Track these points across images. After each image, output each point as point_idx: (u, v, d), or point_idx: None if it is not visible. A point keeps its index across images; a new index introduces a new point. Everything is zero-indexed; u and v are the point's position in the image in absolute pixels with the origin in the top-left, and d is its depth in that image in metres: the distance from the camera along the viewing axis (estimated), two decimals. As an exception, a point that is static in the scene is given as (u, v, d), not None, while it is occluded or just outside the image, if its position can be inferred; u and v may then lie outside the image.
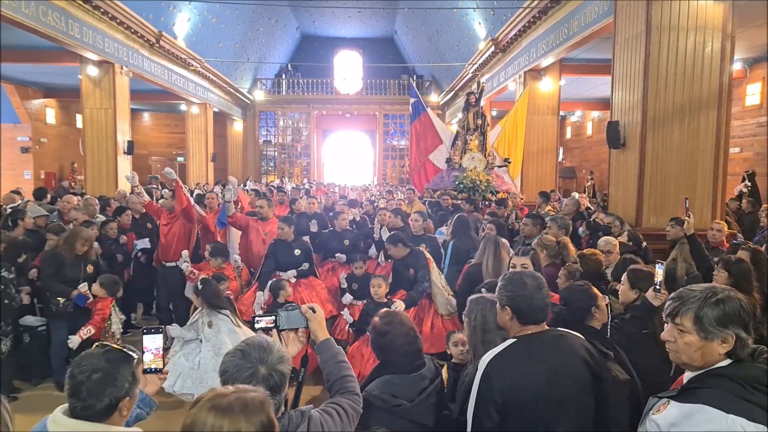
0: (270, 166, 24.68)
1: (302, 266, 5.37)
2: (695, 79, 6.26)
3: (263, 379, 1.55)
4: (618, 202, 6.97)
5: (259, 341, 1.65)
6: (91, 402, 1.52)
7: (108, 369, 1.56)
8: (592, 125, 18.34)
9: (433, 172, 10.48)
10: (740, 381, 1.56)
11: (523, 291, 2.08)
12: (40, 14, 8.52)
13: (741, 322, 1.60)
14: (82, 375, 1.54)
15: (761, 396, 1.52)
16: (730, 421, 1.48)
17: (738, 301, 1.63)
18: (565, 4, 9.07)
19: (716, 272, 3.52)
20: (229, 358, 1.61)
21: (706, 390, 1.58)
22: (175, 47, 13.81)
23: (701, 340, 1.62)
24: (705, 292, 1.66)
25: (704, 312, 1.62)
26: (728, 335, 1.60)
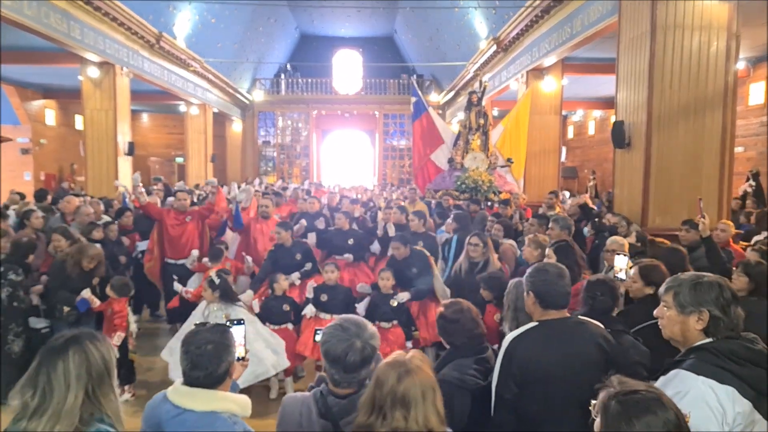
0: (269, 167, 24.63)
1: (305, 267, 5.43)
2: (700, 79, 6.25)
3: (359, 350, 1.76)
4: (623, 202, 6.96)
5: (355, 319, 1.89)
6: (213, 369, 1.75)
7: (218, 339, 1.79)
8: (594, 125, 18.33)
9: (435, 172, 10.46)
10: (716, 352, 1.77)
11: (544, 278, 2.31)
12: (42, 16, 8.47)
13: (716, 303, 1.82)
14: (199, 349, 1.75)
15: (735, 365, 1.72)
16: (700, 381, 1.70)
17: (718, 286, 1.85)
18: (568, 3, 9.04)
19: (735, 276, 3.49)
20: (330, 330, 1.84)
21: (685, 361, 1.82)
22: (175, 48, 13.76)
23: (679, 314, 1.87)
24: (691, 276, 1.91)
25: (682, 290, 1.87)
26: (703, 312, 1.82)
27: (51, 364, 1.53)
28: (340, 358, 1.75)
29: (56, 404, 1.48)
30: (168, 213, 6.01)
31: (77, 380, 1.51)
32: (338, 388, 1.81)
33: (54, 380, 1.50)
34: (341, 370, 1.77)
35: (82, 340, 1.59)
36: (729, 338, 1.82)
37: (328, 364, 1.80)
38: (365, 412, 1.52)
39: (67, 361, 1.52)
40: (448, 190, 9.40)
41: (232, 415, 1.74)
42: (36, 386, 1.51)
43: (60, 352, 1.55)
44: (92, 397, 1.53)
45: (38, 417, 1.48)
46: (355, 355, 1.75)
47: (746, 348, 1.78)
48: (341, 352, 1.75)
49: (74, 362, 1.53)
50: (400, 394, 1.46)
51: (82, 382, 1.52)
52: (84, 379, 1.52)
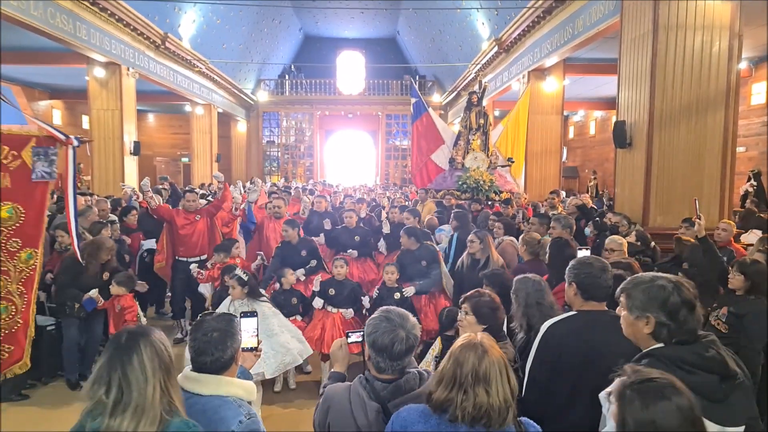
0: (273, 167, 24.73)
1: (310, 264, 5.59)
2: (702, 78, 6.28)
3: (404, 340, 1.89)
4: (624, 201, 6.99)
5: (398, 311, 1.99)
6: (219, 355, 1.82)
7: (224, 326, 1.86)
8: (595, 125, 18.35)
9: (435, 172, 10.50)
10: (664, 360, 1.75)
11: (588, 270, 2.37)
12: (49, 16, 8.57)
13: (662, 308, 1.79)
14: (206, 336, 1.83)
15: (682, 373, 1.68)
16: None
17: (667, 290, 1.80)
18: (570, 3, 9.09)
19: (732, 275, 3.53)
20: (375, 321, 1.95)
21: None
22: (181, 48, 13.87)
23: (630, 316, 1.87)
24: (645, 279, 1.89)
25: (633, 293, 1.87)
26: (649, 318, 1.81)
27: (125, 359, 1.53)
28: (387, 348, 1.88)
29: (137, 398, 1.50)
30: (178, 213, 6.13)
31: (153, 373, 1.54)
32: (382, 374, 1.94)
33: (130, 374, 1.52)
34: (387, 359, 1.90)
35: (149, 333, 1.62)
36: (682, 343, 1.78)
37: (374, 352, 1.92)
38: (445, 389, 1.63)
39: (140, 355, 1.54)
40: (449, 189, 9.45)
41: (237, 399, 1.81)
42: (110, 382, 1.52)
43: (131, 346, 1.56)
44: (164, 389, 1.56)
45: (120, 413, 1.49)
46: (401, 345, 1.88)
47: (697, 355, 1.75)
48: (388, 342, 1.88)
49: (147, 355, 1.55)
50: (481, 373, 1.60)
51: (158, 375, 1.55)
52: (159, 371, 1.55)
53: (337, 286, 4.84)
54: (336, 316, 4.77)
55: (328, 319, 4.76)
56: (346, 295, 4.81)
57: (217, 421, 1.73)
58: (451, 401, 1.61)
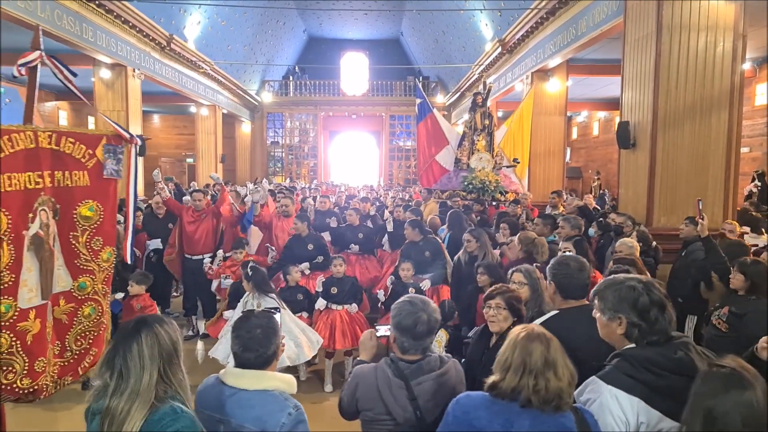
0: (278, 167, 24.81)
1: (317, 259, 5.79)
2: (706, 79, 6.27)
3: (426, 322, 2.08)
4: (628, 202, 6.99)
5: (421, 297, 2.20)
6: (263, 351, 1.91)
7: (266, 324, 1.96)
8: (598, 125, 18.34)
9: (440, 173, 10.52)
10: (633, 361, 1.79)
11: (566, 270, 2.47)
12: (56, 18, 8.65)
13: (632, 309, 1.82)
14: (249, 333, 1.91)
15: (650, 375, 1.74)
16: (608, 391, 1.76)
17: (637, 290, 1.83)
18: (574, 4, 9.10)
19: (733, 275, 3.55)
20: (399, 304, 2.15)
21: (607, 367, 1.86)
22: (186, 50, 13.94)
23: (603, 318, 1.91)
24: (617, 280, 1.93)
25: (606, 295, 1.90)
26: (621, 318, 1.84)
27: (126, 347, 1.63)
28: (410, 328, 2.07)
29: (134, 383, 1.59)
30: (186, 210, 6.29)
31: (151, 360, 1.62)
32: (406, 354, 2.12)
33: (130, 361, 1.61)
34: (411, 338, 2.08)
35: (152, 323, 1.70)
36: (653, 344, 1.80)
37: (399, 333, 2.11)
38: (515, 376, 1.73)
39: (140, 343, 1.63)
40: (455, 190, 9.48)
41: (282, 392, 1.89)
42: (113, 367, 1.63)
43: (133, 335, 1.65)
44: (164, 376, 1.64)
45: (118, 395, 1.59)
46: (423, 326, 2.07)
47: (664, 357, 1.77)
48: (411, 323, 2.06)
49: (147, 344, 1.63)
50: (550, 359, 1.72)
51: (156, 362, 1.63)
52: (157, 359, 1.63)
53: (338, 284, 4.99)
54: (342, 313, 4.91)
55: (335, 317, 4.88)
56: (348, 290, 4.99)
57: (266, 414, 1.80)
58: (522, 387, 1.71)
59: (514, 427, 1.70)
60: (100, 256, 2.62)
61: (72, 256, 2.53)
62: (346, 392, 2.18)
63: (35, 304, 2.32)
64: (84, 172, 2.56)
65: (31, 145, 2.36)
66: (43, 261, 2.37)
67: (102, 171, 2.63)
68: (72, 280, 2.53)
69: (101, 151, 2.65)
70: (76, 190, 2.54)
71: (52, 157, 2.44)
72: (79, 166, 2.55)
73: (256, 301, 4.28)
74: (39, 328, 2.33)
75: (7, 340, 2.22)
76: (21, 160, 2.30)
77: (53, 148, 2.45)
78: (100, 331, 2.68)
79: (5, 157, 2.24)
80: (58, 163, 2.47)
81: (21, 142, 2.32)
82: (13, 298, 2.23)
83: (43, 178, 2.39)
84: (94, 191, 2.60)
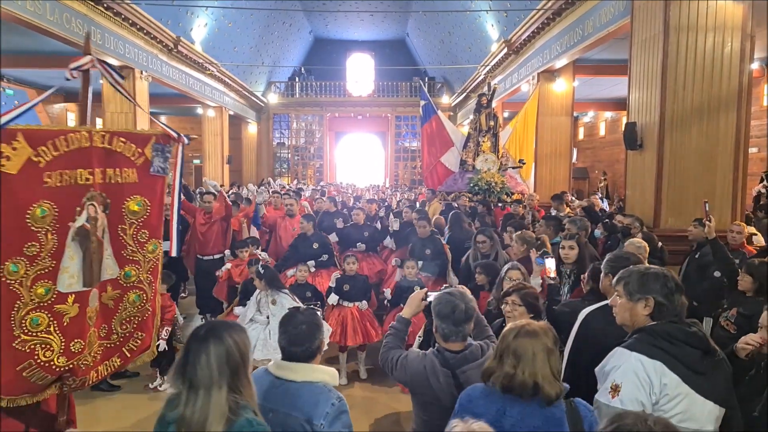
0: (283, 168, 24.89)
1: (321, 257, 6.00)
2: (714, 79, 6.24)
3: (463, 310, 2.30)
4: (635, 203, 6.96)
5: (459, 290, 2.43)
6: (308, 345, 2.02)
7: (311, 320, 2.06)
8: (605, 126, 18.27)
9: (445, 175, 10.53)
10: (653, 333, 2.00)
11: (625, 264, 2.53)
12: (65, 21, 8.72)
13: (660, 291, 2.03)
14: (296, 329, 2.02)
15: (667, 344, 1.96)
16: (633, 357, 1.95)
17: (663, 276, 2.06)
18: (580, 5, 9.08)
19: (741, 277, 3.54)
20: (439, 296, 2.38)
21: (628, 340, 2.06)
22: (193, 52, 14.01)
23: (628, 302, 2.09)
24: (640, 268, 2.14)
25: (632, 280, 2.09)
26: (649, 299, 2.04)
27: (196, 357, 1.64)
28: (448, 315, 2.29)
29: (204, 396, 1.60)
30: (199, 212, 6.53)
31: (219, 374, 1.62)
32: (448, 342, 2.33)
33: (199, 372, 1.62)
34: (451, 324, 2.30)
35: (222, 332, 1.69)
36: (671, 322, 2.02)
37: (439, 320, 2.33)
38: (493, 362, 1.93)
39: (209, 355, 1.63)
40: (461, 191, 9.47)
41: (326, 384, 2.02)
42: (184, 375, 1.64)
43: (202, 345, 1.65)
44: (234, 388, 1.65)
45: (191, 406, 1.60)
46: (460, 313, 2.29)
47: (682, 330, 1.99)
48: (449, 310, 2.29)
49: (215, 355, 1.63)
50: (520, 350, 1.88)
51: (225, 376, 1.63)
52: (226, 372, 1.64)
53: (350, 281, 5.20)
54: (353, 310, 5.10)
55: (347, 314, 5.06)
56: (359, 287, 5.19)
57: (312, 403, 1.93)
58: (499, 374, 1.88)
59: (506, 414, 1.86)
60: (145, 247, 2.80)
61: (119, 247, 2.69)
62: (398, 373, 2.44)
63: (75, 289, 2.48)
64: (133, 170, 2.73)
65: (86, 144, 2.53)
66: (87, 251, 2.51)
67: (149, 168, 2.79)
68: (119, 269, 2.71)
69: (150, 149, 2.80)
70: (125, 186, 2.71)
71: (104, 155, 2.61)
72: (129, 163, 2.72)
73: (270, 298, 4.42)
74: (77, 312, 2.48)
75: (45, 320, 2.38)
76: (74, 157, 2.47)
77: (106, 147, 2.62)
78: (146, 317, 2.85)
79: (59, 156, 2.41)
80: (110, 160, 2.64)
81: (77, 142, 2.50)
82: (52, 282, 2.40)
83: (93, 175, 2.56)
84: (142, 187, 2.77)
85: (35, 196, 2.32)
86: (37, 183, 2.33)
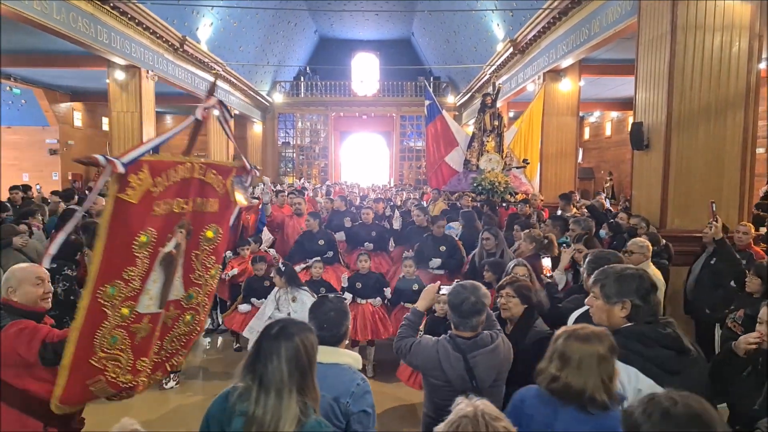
0: (289, 168, 24.94)
1: (326, 254, 6.12)
2: (722, 79, 6.19)
3: (471, 302, 2.44)
4: (641, 203, 6.93)
5: (473, 283, 2.54)
6: (336, 330, 2.17)
7: (339, 307, 2.21)
8: (611, 126, 18.19)
9: (450, 174, 10.49)
10: (628, 335, 2.05)
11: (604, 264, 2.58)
12: (71, 20, 8.77)
13: (636, 293, 2.07)
14: (325, 315, 2.17)
15: (642, 347, 2.01)
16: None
17: (639, 278, 2.10)
18: (587, 4, 9.04)
19: (749, 278, 3.51)
20: (453, 288, 2.53)
21: None
22: (198, 51, 14.06)
23: (605, 304, 2.13)
24: (616, 270, 2.16)
25: (608, 282, 2.13)
26: (626, 302, 2.08)
27: (267, 356, 1.70)
28: (457, 306, 2.46)
29: (275, 398, 1.65)
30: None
31: (289, 377, 1.68)
32: (458, 330, 2.51)
33: (270, 371, 1.67)
34: (458, 316, 2.47)
35: (292, 333, 1.75)
36: (646, 323, 2.06)
37: (450, 311, 2.51)
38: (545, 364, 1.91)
39: (279, 357, 1.69)
40: (465, 191, 9.45)
41: (350, 366, 2.15)
42: (254, 373, 1.70)
43: (273, 344, 1.71)
44: (301, 389, 1.70)
45: (262, 405, 1.65)
46: (468, 306, 2.43)
47: (656, 332, 2.05)
48: (458, 302, 2.45)
49: (286, 358, 1.69)
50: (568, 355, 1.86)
51: (294, 379, 1.68)
52: (295, 375, 1.69)
53: (363, 279, 5.34)
54: (366, 306, 5.21)
55: (359, 310, 5.17)
56: (372, 285, 5.30)
57: (339, 383, 2.06)
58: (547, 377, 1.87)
59: (557, 418, 1.83)
60: (209, 272, 2.91)
61: (189, 270, 2.79)
62: (410, 357, 2.61)
63: (152, 311, 2.56)
64: (216, 200, 2.86)
65: (187, 175, 2.64)
66: (169, 275, 2.61)
67: (228, 199, 2.94)
68: (184, 290, 2.80)
69: (230, 181, 2.93)
70: (207, 215, 2.83)
71: (198, 186, 2.73)
72: (215, 194, 2.85)
73: (291, 295, 4.56)
74: (149, 331, 2.57)
75: (121, 338, 2.45)
76: (179, 187, 2.59)
77: (200, 178, 2.73)
78: (192, 336, 2.94)
79: (169, 186, 2.52)
80: (201, 191, 2.76)
81: (184, 172, 2.60)
82: (135, 303, 2.47)
83: (188, 204, 2.68)
84: (219, 216, 2.91)
85: (144, 224, 2.41)
86: (148, 211, 2.43)
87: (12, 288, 2.55)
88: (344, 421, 2.03)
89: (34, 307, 2.58)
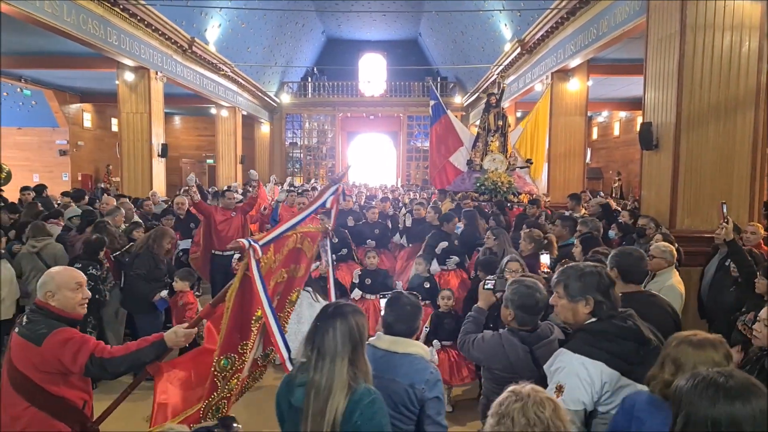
0: (296, 168, 25.01)
1: (341, 251, 6.28)
2: (731, 79, 6.15)
3: (541, 300, 2.58)
4: (650, 204, 6.89)
5: (530, 280, 2.70)
6: (411, 324, 2.33)
7: (414, 302, 2.36)
8: (619, 125, 18.09)
9: (454, 174, 10.49)
10: (593, 332, 2.15)
11: (629, 260, 2.88)
12: (81, 22, 8.85)
13: (599, 290, 2.17)
14: (402, 308, 2.31)
15: (606, 342, 2.11)
16: (576, 359, 2.09)
17: (598, 274, 2.20)
18: (595, 4, 9.00)
19: (758, 280, 3.49)
20: (514, 287, 2.64)
21: (571, 340, 2.23)
22: (207, 52, 14.14)
23: (569, 302, 2.23)
24: (576, 268, 2.26)
25: (570, 282, 2.23)
26: (589, 299, 2.18)
27: (324, 329, 1.89)
28: (531, 307, 2.58)
29: (329, 364, 1.84)
30: (216, 210, 6.71)
31: (343, 347, 1.87)
32: (522, 326, 2.62)
33: (326, 344, 1.87)
34: (529, 314, 2.59)
35: (347, 313, 1.94)
36: (609, 317, 2.17)
37: (518, 310, 2.60)
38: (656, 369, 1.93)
39: (335, 330, 1.88)
40: (468, 191, 9.44)
41: (422, 357, 2.29)
42: (313, 343, 1.90)
43: (330, 320, 1.91)
44: (353, 362, 1.89)
45: (320, 371, 1.85)
46: (543, 305, 2.61)
47: (617, 326, 2.15)
48: (533, 303, 2.58)
49: (340, 332, 1.88)
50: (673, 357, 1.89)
51: (347, 349, 1.87)
52: (348, 347, 1.88)
53: (371, 276, 5.49)
54: (375, 302, 5.29)
55: (369, 306, 5.28)
56: (381, 281, 5.43)
57: (414, 371, 2.21)
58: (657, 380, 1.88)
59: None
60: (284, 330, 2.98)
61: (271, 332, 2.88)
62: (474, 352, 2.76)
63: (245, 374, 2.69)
64: (304, 265, 3.02)
65: (292, 245, 2.80)
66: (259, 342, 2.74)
67: (311, 261, 3.09)
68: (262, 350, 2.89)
69: (317, 246, 3.10)
70: (296, 280, 2.98)
71: (295, 253, 2.89)
72: (305, 260, 3.01)
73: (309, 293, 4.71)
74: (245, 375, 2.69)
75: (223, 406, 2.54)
76: (285, 259, 2.74)
77: (298, 247, 2.89)
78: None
79: (281, 260, 2.66)
80: (297, 258, 2.93)
81: (290, 244, 2.76)
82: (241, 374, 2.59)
83: (288, 273, 2.82)
84: (302, 279, 3.06)
85: (261, 299, 2.49)
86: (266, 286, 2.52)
87: (51, 292, 2.44)
88: (418, 407, 2.19)
89: (71, 314, 2.48)
